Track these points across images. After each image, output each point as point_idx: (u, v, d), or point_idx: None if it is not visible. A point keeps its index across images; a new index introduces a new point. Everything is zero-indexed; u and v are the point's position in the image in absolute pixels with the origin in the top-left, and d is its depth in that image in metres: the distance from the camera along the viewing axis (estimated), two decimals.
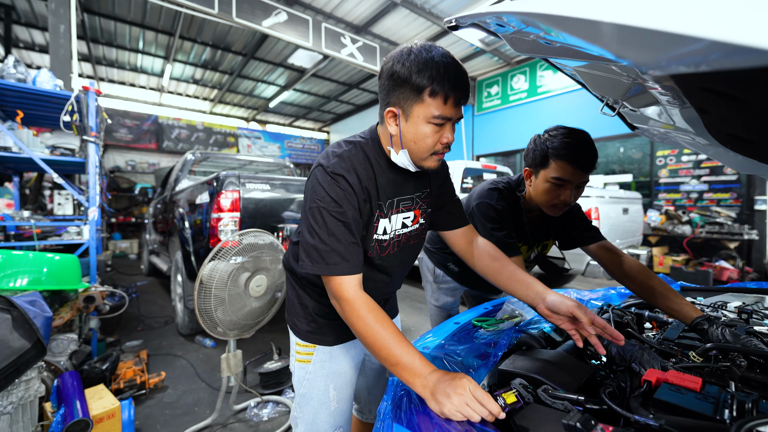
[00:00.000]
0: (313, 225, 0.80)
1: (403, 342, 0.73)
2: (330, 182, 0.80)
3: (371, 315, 0.76)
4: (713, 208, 4.69)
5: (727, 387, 0.69)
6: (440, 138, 0.80)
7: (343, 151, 0.85)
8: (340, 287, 0.79)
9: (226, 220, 2.34)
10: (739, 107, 0.70)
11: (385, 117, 0.82)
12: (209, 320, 1.54)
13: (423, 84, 0.73)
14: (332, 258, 0.78)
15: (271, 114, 12.20)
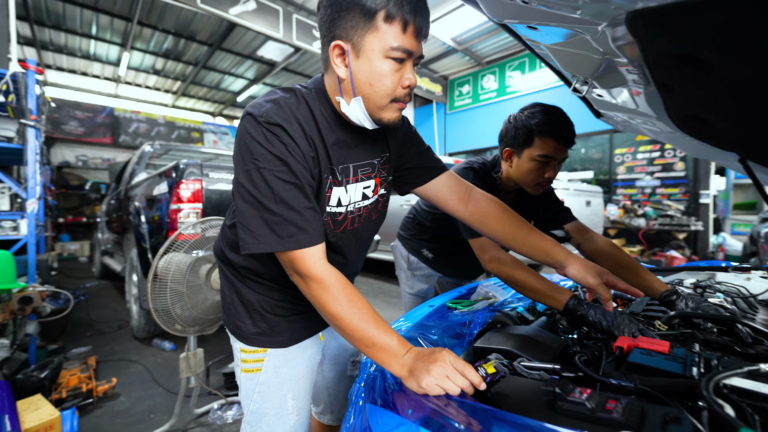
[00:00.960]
0: (253, 192, 0.64)
1: (379, 322, 0.65)
2: (266, 135, 0.63)
3: (344, 293, 0.65)
4: (665, 202, 5.04)
5: (692, 349, 0.70)
6: (401, 79, 0.65)
7: (279, 97, 0.67)
8: (303, 263, 0.65)
9: (186, 212, 2.19)
10: (704, 77, 0.72)
11: (330, 56, 0.66)
12: (166, 317, 1.42)
13: (376, 4, 0.59)
14: (286, 229, 0.63)
15: (240, 109, 11.77)
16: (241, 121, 0.67)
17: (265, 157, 0.63)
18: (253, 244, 0.65)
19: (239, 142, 0.67)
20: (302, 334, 0.86)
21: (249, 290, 0.82)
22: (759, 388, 0.51)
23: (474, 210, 0.91)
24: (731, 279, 1.27)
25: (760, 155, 1.14)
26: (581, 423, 0.48)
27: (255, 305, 0.82)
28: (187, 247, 1.46)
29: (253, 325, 0.82)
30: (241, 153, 0.66)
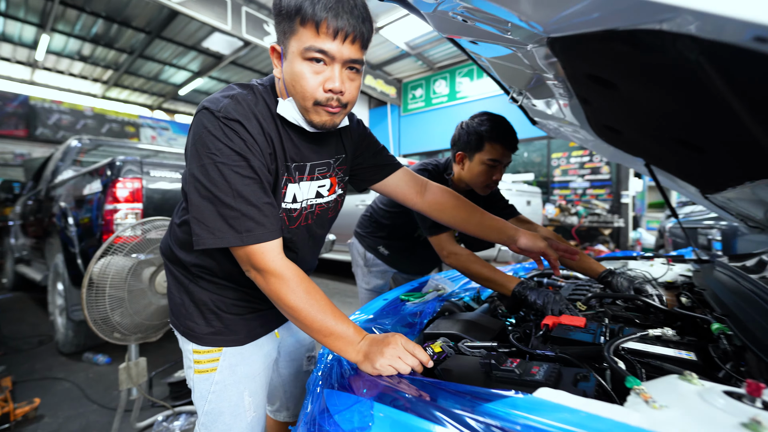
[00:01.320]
0: (209, 187, 0.63)
1: (336, 312, 0.68)
2: (224, 130, 0.63)
3: (302, 286, 0.67)
4: (593, 202, 5.65)
5: (603, 323, 0.83)
6: (322, 82, 0.65)
7: (237, 93, 0.68)
8: (262, 258, 0.65)
9: (123, 213, 2.03)
10: (611, 95, 0.85)
11: (271, 58, 0.70)
12: (105, 325, 1.31)
13: (291, 7, 0.61)
14: (244, 224, 0.63)
15: (182, 103, 10.98)
16: (197, 116, 0.67)
17: (224, 152, 0.63)
18: (209, 239, 0.64)
19: (194, 137, 0.66)
20: (258, 331, 0.86)
21: (201, 290, 0.81)
22: (647, 348, 0.64)
23: (431, 201, 0.97)
24: (639, 266, 1.48)
25: (659, 161, 1.36)
26: (511, 386, 0.56)
27: (209, 304, 0.80)
28: (127, 250, 1.36)
29: (207, 324, 0.80)
30: (196, 147, 0.65)
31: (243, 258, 0.68)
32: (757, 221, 1.35)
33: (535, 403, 0.44)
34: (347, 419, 0.52)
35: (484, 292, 1.30)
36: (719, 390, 0.44)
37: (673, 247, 3.08)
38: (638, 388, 0.46)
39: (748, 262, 1.17)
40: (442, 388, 0.55)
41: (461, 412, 0.45)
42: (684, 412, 0.40)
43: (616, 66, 0.66)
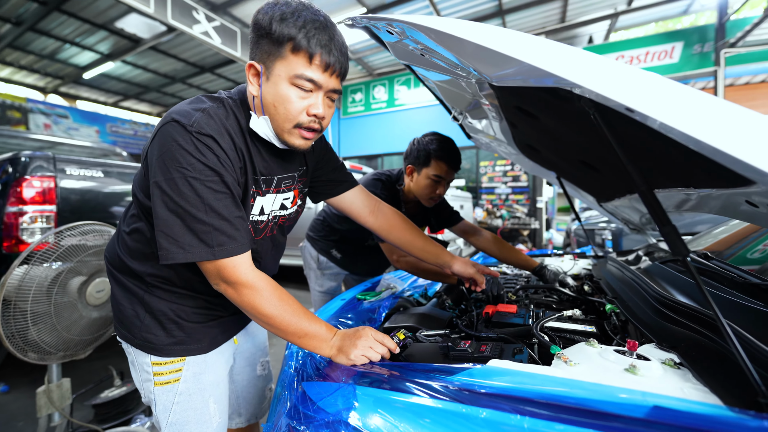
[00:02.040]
0: (179, 201, 0.63)
1: (308, 314, 0.73)
2: (197, 145, 0.63)
3: (275, 294, 0.69)
4: (514, 206, 6.37)
5: (529, 309, 1.02)
6: (307, 107, 0.69)
7: (208, 107, 0.68)
8: (234, 271, 0.66)
9: (31, 216, 1.77)
10: (533, 123, 1.05)
11: (246, 73, 0.70)
12: (23, 344, 1.16)
13: (284, 35, 0.63)
14: (216, 238, 0.64)
15: (86, 88, 9.55)
16: (165, 127, 0.65)
17: (196, 167, 0.63)
18: (178, 253, 0.64)
19: (161, 149, 0.64)
20: (220, 338, 0.87)
21: (159, 299, 0.78)
22: (561, 325, 0.82)
23: (382, 221, 1.05)
24: (553, 261, 1.77)
25: (567, 175, 1.65)
26: (466, 362, 0.68)
27: (168, 314, 0.78)
28: (54, 257, 1.22)
29: (168, 335, 0.79)
30: (164, 160, 0.63)
31: (212, 272, 0.68)
32: (635, 224, 1.72)
33: (489, 371, 0.56)
34: (331, 403, 0.59)
35: (431, 289, 1.44)
36: (611, 349, 0.61)
37: (577, 245, 3.68)
38: (559, 353, 0.61)
39: (629, 256, 1.50)
40: (411, 369, 0.65)
41: (432, 383, 0.56)
42: (589, 366, 0.56)
43: (538, 105, 0.84)
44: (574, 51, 0.48)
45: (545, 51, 0.47)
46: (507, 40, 0.48)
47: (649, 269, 1.11)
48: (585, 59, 0.47)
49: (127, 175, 2.19)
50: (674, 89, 0.42)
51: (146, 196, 0.72)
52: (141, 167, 0.75)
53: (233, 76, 8.68)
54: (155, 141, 0.67)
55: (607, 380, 0.51)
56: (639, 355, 0.59)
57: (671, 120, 0.38)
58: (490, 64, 0.53)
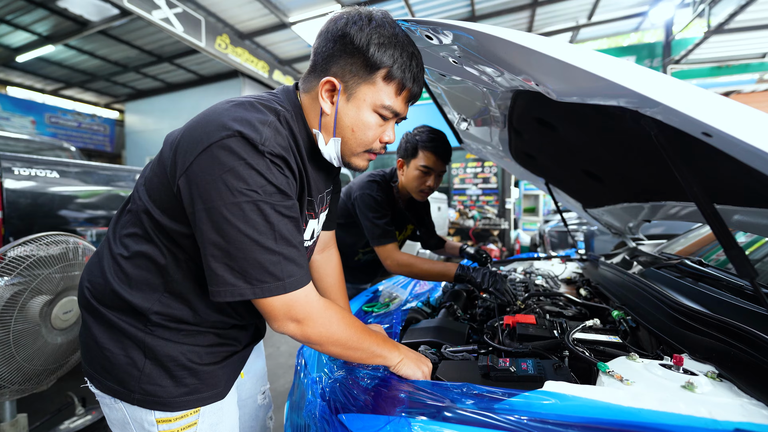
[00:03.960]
0: (245, 230, 0.54)
1: (370, 332, 0.70)
2: (269, 165, 0.56)
3: (345, 318, 0.65)
4: (485, 207, 6.58)
5: (545, 317, 1.03)
6: (381, 134, 0.68)
7: (272, 121, 0.60)
8: (307, 304, 0.60)
9: None
10: (547, 133, 1.06)
11: (319, 88, 0.64)
12: None
13: (381, 62, 0.61)
14: (286, 269, 0.57)
15: (19, 72, 8.52)
16: (226, 142, 0.55)
17: (267, 189, 0.56)
18: (246, 289, 0.56)
19: (223, 168, 0.54)
20: (233, 377, 0.76)
21: (166, 342, 0.65)
22: (589, 336, 0.83)
23: (322, 263, 1.00)
24: (542, 265, 1.83)
25: (558, 182, 1.71)
26: (511, 382, 0.66)
27: (178, 359, 0.65)
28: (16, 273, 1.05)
29: (177, 384, 0.66)
30: (226, 181, 0.54)
31: (280, 309, 0.59)
32: (617, 229, 1.82)
33: (555, 396, 0.55)
34: None
35: (433, 295, 1.43)
36: (656, 364, 0.62)
37: (551, 246, 3.89)
38: (610, 371, 0.61)
39: (615, 260, 1.58)
40: (462, 393, 0.62)
41: (495, 414, 0.53)
42: (646, 385, 0.56)
43: (571, 118, 0.84)
44: (650, 73, 0.47)
45: (626, 71, 0.46)
46: (588, 59, 0.46)
47: (647, 275, 1.17)
48: (663, 81, 0.46)
49: (87, 176, 1.96)
50: (746, 113, 0.43)
51: (167, 215, 0.61)
52: (155, 178, 0.63)
53: (194, 67, 8.13)
54: (207, 156, 0.55)
55: (670, 400, 0.51)
56: (685, 370, 0.60)
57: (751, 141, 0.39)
58: (564, 80, 0.51)
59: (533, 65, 0.53)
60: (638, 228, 1.69)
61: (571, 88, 0.52)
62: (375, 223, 1.33)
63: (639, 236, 1.84)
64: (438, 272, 1.21)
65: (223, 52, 6.10)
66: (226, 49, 6.15)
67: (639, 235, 1.85)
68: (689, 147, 0.53)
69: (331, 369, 0.83)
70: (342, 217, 1.50)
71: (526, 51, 0.49)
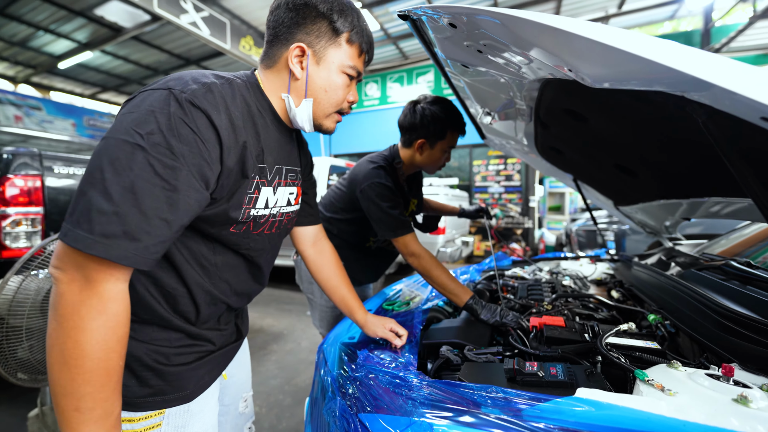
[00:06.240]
0: (106, 170, 0.48)
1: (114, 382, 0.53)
2: (178, 115, 0.51)
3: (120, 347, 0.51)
4: (508, 205, 6.40)
5: (574, 320, 0.98)
6: (347, 94, 0.72)
7: (211, 83, 0.57)
8: (104, 280, 0.49)
9: (15, 219, 1.62)
10: (576, 125, 1.00)
11: (289, 54, 0.65)
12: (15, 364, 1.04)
13: (344, 27, 0.66)
14: (110, 228, 0.47)
15: (61, 78, 9.06)
16: (146, 91, 0.54)
17: (153, 138, 0.50)
18: (73, 235, 0.47)
19: (135, 107, 0.52)
20: (206, 379, 0.71)
21: (131, 340, 0.61)
22: (624, 341, 0.78)
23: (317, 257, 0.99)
24: (570, 265, 1.75)
25: (588, 178, 1.63)
26: (539, 387, 0.63)
27: (143, 359, 0.62)
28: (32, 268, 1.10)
29: (141, 385, 0.63)
30: (127, 121, 0.50)
31: (68, 259, 0.49)
32: (651, 227, 1.72)
33: (587, 403, 0.51)
34: None
35: None
36: (701, 373, 0.57)
37: (578, 246, 3.73)
38: (649, 379, 0.57)
39: (650, 260, 1.49)
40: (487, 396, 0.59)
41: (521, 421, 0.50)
42: (692, 397, 0.51)
43: (604, 108, 0.79)
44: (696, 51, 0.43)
45: (670, 50, 0.42)
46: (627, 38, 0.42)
47: (686, 276, 1.09)
48: (712, 59, 0.42)
49: None
50: None
51: None
52: None
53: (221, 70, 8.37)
54: (130, 103, 0.53)
55: (720, 415, 0.47)
56: (736, 381, 0.55)
57: None
58: (600, 63, 0.47)
59: (566, 48, 0.49)
60: (676, 227, 1.58)
61: (609, 72, 0.48)
62: (389, 213, 1.23)
63: (676, 235, 1.73)
64: (451, 291, 1.11)
65: (247, 53, 6.24)
66: (250, 51, 6.30)
67: (676, 234, 1.74)
68: (744, 135, 0.48)
69: (350, 367, 0.82)
70: (348, 211, 1.41)
71: (559, 33, 0.46)
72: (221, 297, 0.69)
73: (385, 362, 0.82)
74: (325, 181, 4.40)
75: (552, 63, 0.56)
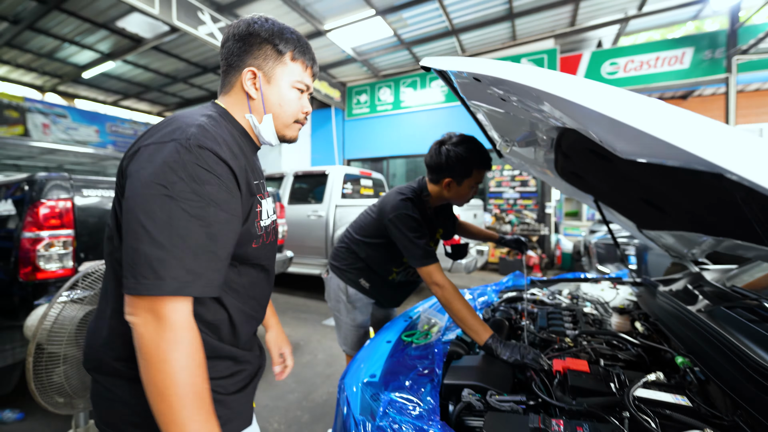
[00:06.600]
0: (147, 224, 0.54)
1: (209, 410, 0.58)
2: (191, 161, 0.57)
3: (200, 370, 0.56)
4: (523, 212, 6.31)
5: (598, 363, 0.96)
6: (302, 106, 0.79)
7: (202, 123, 0.63)
8: (173, 313, 0.55)
9: (48, 241, 1.69)
10: (601, 163, 0.99)
11: (242, 78, 0.73)
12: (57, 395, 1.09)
13: (286, 47, 0.73)
14: (172, 271, 0.54)
15: (84, 87, 9.38)
16: (151, 147, 0.59)
17: (178, 187, 0.56)
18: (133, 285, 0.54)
19: (152, 162, 0.57)
20: (251, 402, 0.78)
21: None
22: (652, 394, 0.76)
23: None
24: (591, 289, 1.72)
25: (611, 202, 1.60)
26: None
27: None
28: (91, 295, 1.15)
29: None
30: (143, 177, 0.56)
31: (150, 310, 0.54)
32: (678, 252, 1.67)
33: None
34: None
35: None
36: None
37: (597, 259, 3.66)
38: None
39: (674, 286, 1.44)
40: None
41: None
42: None
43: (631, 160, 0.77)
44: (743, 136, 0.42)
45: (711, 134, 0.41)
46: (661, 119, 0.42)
47: (716, 315, 1.06)
48: (747, 145, 0.41)
49: None
50: None
51: None
52: None
53: None
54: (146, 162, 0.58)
55: None
56: None
57: None
58: (630, 143, 0.46)
59: (592, 123, 0.48)
60: (702, 255, 1.53)
61: (643, 152, 0.47)
62: (416, 243, 1.31)
63: (702, 260, 1.68)
64: (470, 327, 1.12)
65: None
66: None
67: (702, 258, 1.68)
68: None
69: (376, 412, 0.83)
70: (375, 237, 1.50)
71: (593, 112, 0.45)
72: (253, 314, 0.76)
73: (408, 408, 0.83)
74: (340, 189, 4.43)
75: (581, 129, 0.56)
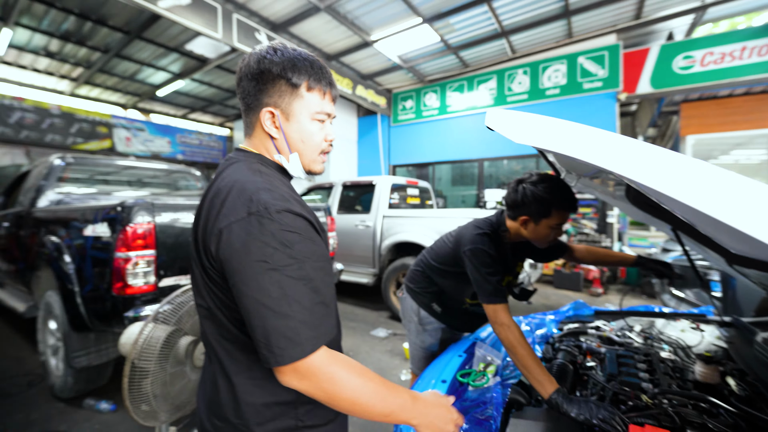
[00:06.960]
0: (264, 300, 0.59)
1: (389, 384, 0.67)
2: (276, 228, 0.61)
3: (363, 372, 0.64)
4: (581, 221, 5.89)
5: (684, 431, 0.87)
6: (325, 135, 0.77)
7: (265, 184, 0.66)
8: (329, 359, 0.62)
9: (135, 261, 1.91)
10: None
11: (260, 120, 0.73)
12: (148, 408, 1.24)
13: (299, 79, 0.71)
14: (303, 333, 0.60)
15: (159, 103, 10.46)
16: (232, 226, 0.62)
17: (275, 257, 0.60)
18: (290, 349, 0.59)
19: (241, 245, 0.60)
20: None
21: (299, 421, 0.70)
22: None
23: None
24: (669, 331, 1.54)
25: (685, 229, 1.44)
26: None
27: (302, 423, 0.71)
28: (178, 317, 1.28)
29: None
30: (242, 258, 0.60)
31: (300, 370, 0.60)
32: None
33: None
34: None
35: None
36: None
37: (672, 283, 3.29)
38: None
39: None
40: None
41: None
42: None
43: None
44: None
45: None
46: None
47: None
48: None
49: None
50: None
51: None
52: None
53: None
54: (238, 239, 0.62)
55: None
56: None
57: None
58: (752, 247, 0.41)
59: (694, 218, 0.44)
60: None
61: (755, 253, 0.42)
62: (488, 279, 1.28)
63: None
64: (534, 376, 1.04)
65: None
66: None
67: None
68: None
69: None
70: (450, 265, 1.51)
71: (683, 206, 0.41)
72: (336, 338, 0.77)
73: None
74: (387, 199, 4.47)
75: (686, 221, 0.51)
